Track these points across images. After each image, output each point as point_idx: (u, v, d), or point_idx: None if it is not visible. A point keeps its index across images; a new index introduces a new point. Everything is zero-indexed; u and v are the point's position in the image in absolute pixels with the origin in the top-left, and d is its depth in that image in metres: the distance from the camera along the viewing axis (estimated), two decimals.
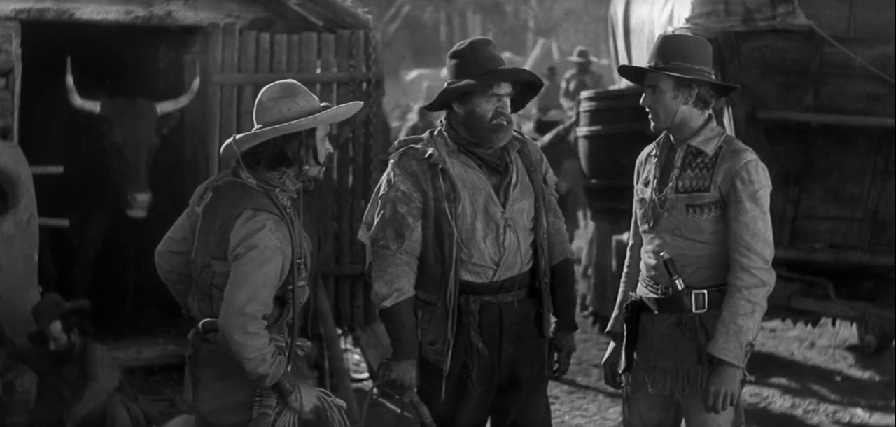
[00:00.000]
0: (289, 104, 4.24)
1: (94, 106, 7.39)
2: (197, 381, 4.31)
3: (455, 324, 4.61)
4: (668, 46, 4.46)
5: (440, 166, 4.59)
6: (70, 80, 7.23)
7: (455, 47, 4.71)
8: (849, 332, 9.84)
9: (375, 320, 8.07)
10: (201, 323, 4.26)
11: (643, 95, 4.50)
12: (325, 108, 4.31)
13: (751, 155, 4.41)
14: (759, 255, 4.32)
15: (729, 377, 4.30)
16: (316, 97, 4.32)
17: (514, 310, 4.66)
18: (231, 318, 4.08)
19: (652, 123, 4.51)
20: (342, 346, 8.20)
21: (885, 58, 7.75)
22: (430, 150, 4.61)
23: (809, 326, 9.55)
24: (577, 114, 10.02)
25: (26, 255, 6.96)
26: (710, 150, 4.42)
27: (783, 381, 8.67)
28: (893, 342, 9.22)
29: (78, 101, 7.31)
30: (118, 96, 7.58)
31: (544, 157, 4.82)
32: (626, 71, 4.92)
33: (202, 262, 4.26)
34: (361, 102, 4.71)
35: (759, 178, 4.38)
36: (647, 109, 4.49)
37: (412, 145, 4.67)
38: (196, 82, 7.64)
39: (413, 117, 19.27)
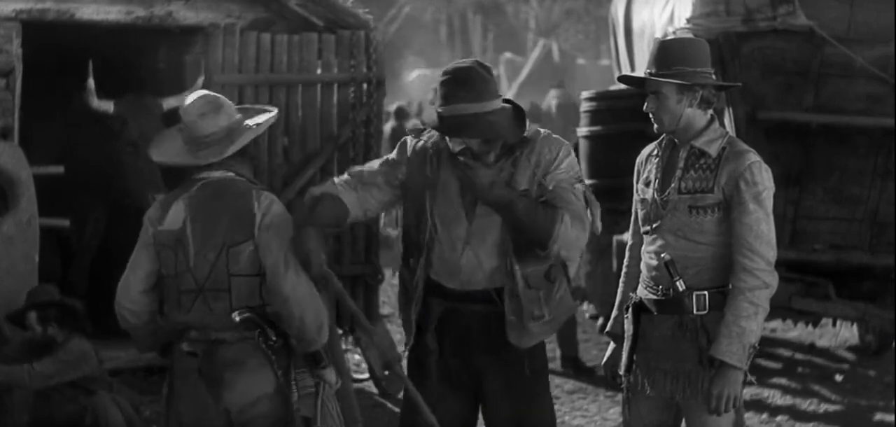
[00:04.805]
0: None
1: (108, 105, 7.40)
2: (217, 383, 4.33)
3: (416, 315, 4.60)
4: (668, 51, 4.44)
5: (437, 160, 4.55)
6: (91, 82, 7.25)
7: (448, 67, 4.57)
8: (849, 332, 9.84)
9: (377, 320, 8.07)
10: (242, 317, 4.30)
11: (646, 101, 4.49)
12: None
13: (754, 156, 4.40)
14: (761, 257, 4.31)
15: (731, 379, 4.30)
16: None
17: (482, 320, 4.54)
18: (296, 277, 4.29)
19: (655, 126, 4.50)
20: (343, 347, 8.20)
21: (885, 58, 7.77)
22: (441, 144, 4.57)
23: (810, 327, 9.57)
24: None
25: (26, 255, 6.97)
26: (713, 151, 4.42)
27: (783, 381, 8.67)
28: (894, 342, 9.22)
29: (95, 102, 7.32)
30: (127, 94, 7.58)
31: (557, 156, 4.49)
32: (626, 80, 4.90)
33: (209, 259, 4.32)
34: (275, 111, 4.75)
35: (763, 179, 4.37)
36: (651, 115, 4.48)
37: (434, 137, 4.61)
38: (200, 81, 7.66)
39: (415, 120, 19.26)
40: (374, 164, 4.69)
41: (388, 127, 17.94)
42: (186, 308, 4.34)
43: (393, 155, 4.66)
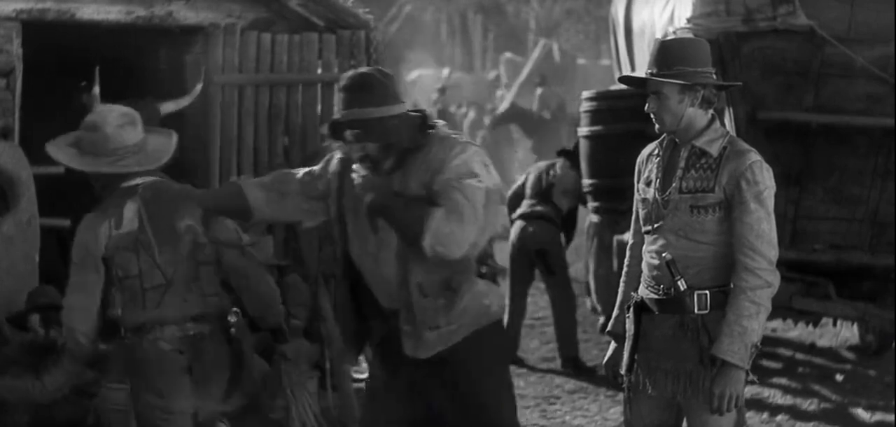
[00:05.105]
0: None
1: None
2: (205, 381, 4.50)
3: (349, 332, 4.68)
4: (669, 51, 4.44)
5: (344, 173, 4.56)
6: (97, 90, 7.25)
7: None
8: (849, 332, 9.85)
9: None
10: (236, 316, 4.55)
11: (647, 101, 4.49)
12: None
13: (755, 156, 4.41)
14: (763, 257, 4.32)
15: (733, 379, 4.30)
16: None
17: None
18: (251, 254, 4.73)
19: (656, 126, 4.51)
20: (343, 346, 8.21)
21: (885, 58, 7.77)
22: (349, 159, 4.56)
23: (810, 327, 9.57)
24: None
25: (26, 255, 6.97)
26: (714, 150, 4.42)
27: (784, 381, 8.68)
28: (894, 342, 9.22)
29: (98, 108, 7.32)
30: (127, 98, 7.57)
31: (448, 156, 4.37)
32: (628, 80, 4.89)
33: (171, 254, 4.56)
34: (175, 136, 4.93)
35: (764, 179, 4.38)
36: (652, 115, 4.48)
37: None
38: (199, 86, 7.65)
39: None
40: (300, 171, 4.73)
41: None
42: (154, 303, 4.44)
43: (317, 167, 4.68)
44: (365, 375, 8.17)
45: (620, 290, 4.73)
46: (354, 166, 4.48)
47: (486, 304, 4.50)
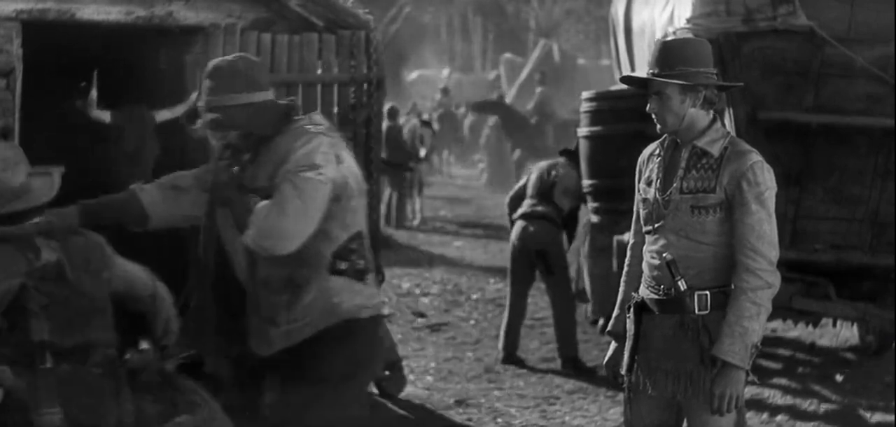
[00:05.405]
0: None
1: (105, 115, 7.40)
2: (126, 399, 4.61)
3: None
4: (670, 52, 4.44)
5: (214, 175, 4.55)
6: (94, 94, 7.25)
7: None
8: (849, 332, 9.84)
9: None
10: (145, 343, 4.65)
11: (649, 102, 4.49)
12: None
13: (756, 156, 4.41)
14: (764, 257, 4.32)
15: (734, 379, 4.30)
16: None
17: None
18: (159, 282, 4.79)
19: (658, 127, 4.51)
20: None
21: (885, 58, 7.77)
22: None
23: (810, 327, 9.56)
24: None
25: None
26: (715, 151, 4.43)
27: (784, 381, 8.67)
28: (894, 343, 9.22)
29: (94, 112, 7.32)
30: (124, 104, 7.56)
31: (292, 147, 4.29)
32: (629, 81, 4.88)
33: (87, 283, 4.57)
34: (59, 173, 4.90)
35: (765, 179, 4.38)
36: (654, 116, 4.48)
37: None
38: (195, 95, 7.65)
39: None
40: (198, 169, 4.70)
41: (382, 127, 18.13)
42: (80, 327, 4.49)
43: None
44: None
45: (621, 289, 4.73)
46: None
47: (335, 302, 4.34)
